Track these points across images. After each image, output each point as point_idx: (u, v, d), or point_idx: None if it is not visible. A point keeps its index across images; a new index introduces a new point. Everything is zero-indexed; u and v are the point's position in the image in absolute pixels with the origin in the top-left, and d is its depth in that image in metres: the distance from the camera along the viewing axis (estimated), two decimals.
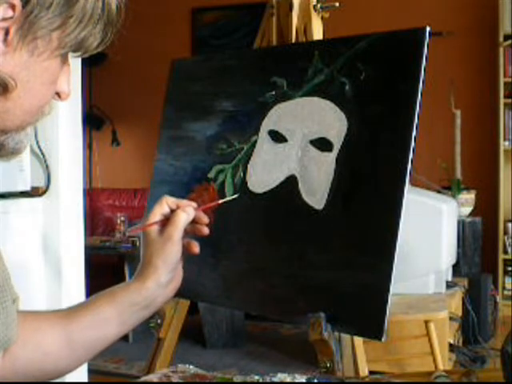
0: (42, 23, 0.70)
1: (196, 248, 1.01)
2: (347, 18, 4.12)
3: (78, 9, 0.72)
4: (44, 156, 2.19)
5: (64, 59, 0.79)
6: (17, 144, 0.78)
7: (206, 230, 1.02)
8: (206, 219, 1.02)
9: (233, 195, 1.47)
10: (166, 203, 1.00)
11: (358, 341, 1.87)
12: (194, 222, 1.01)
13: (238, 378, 1.46)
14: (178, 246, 0.97)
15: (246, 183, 1.47)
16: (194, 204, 1.02)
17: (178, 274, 1.01)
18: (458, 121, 4.19)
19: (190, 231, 1.01)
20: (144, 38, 6.03)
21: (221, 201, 1.17)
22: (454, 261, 3.11)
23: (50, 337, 0.90)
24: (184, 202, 1.01)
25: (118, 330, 0.96)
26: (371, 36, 1.34)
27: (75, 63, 2.26)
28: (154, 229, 0.98)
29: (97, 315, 0.94)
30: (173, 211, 0.99)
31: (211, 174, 1.54)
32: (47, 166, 2.19)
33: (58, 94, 0.82)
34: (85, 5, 0.73)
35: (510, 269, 4.82)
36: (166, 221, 0.99)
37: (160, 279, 0.96)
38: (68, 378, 2.07)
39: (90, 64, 5.74)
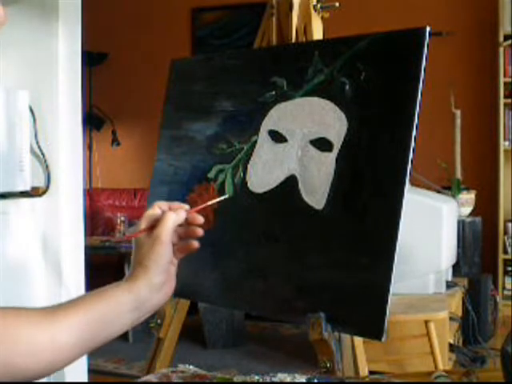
0: None
1: (194, 244, 1.01)
2: (347, 18, 4.12)
3: None
4: (44, 156, 2.19)
5: None
6: None
7: (199, 231, 1.01)
8: (199, 220, 1.01)
9: (232, 195, 1.47)
10: (157, 207, 1.00)
11: (358, 341, 1.86)
12: (187, 223, 1.01)
13: (238, 378, 1.46)
14: (168, 246, 0.97)
15: (246, 183, 1.47)
16: (186, 206, 1.01)
17: (170, 280, 1.00)
18: (458, 121, 4.19)
19: (184, 234, 1.01)
20: (144, 38, 6.03)
21: (210, 202, 1.16)
22: (454, 261, 3.11)
23: (33, 335, 0.88)
24: (176, 204, 1.01)
25: (108, 331, 0.94)
26: (371, 36, 1.34)
27: (75, 63, 2.27)
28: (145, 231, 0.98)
29: (85, 315, 0.92)
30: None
31: (211, 174, 1.54)
32: (47, 166, 2.19)
33: None
34: None
35: (510, 269, 4.82)
36: (156, 223, 0.98)
37: (151, 280, 0.96)
38: (68, 378, 2.08)
39: (90, 64, 5.74)
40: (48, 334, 0.89)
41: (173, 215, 0.98)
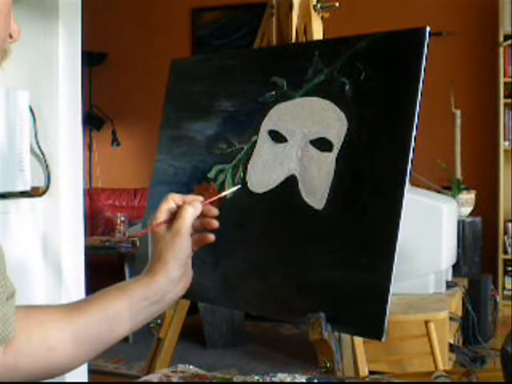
0: None
1: (210, 237, 1.02)
2: (347, 18, 4.12)
3: None
4: (44, 156, 2.19)
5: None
6: None
7: (215, 223, 1.02)
8: (214, 212, 1.03)
9: (233, 193, 1.47)
10: (172, 200, 1.01)
11: (358, 341, 1.86)
12: (202, 216, 1.02)
13: (238, 378, 1.46)
14: (187, 240, 0.99)
15: (246, 183, 1.47)
16: (201, 198, 1.03)
17: (187, 272, 1.02)
18: (458, 121, 4.19)
19: (199, 227, 1.02)
20: (144, 38, 6.03)
21: (224, 193, 1.17)
22: (454, 261, 3.11)
23: (55, 332, 0.89)
24: (190, 197, 1.02)
25: (127, 326, 0.95)
26: (371, 36, 1.34)
27: (75, 63, 2.27)
28: (162, 225, 0.99)
29: (105, 310, 0.93)
30: (179, 207, 1.00)
31: (211, 174, 1.54)
32: (47, 166, 2.19)
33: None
34: None
35: (510, 269, 4.82)
36: (173, 217, 1.00)
37: (170, 274, 0.97)
38: (68, 378, 2.07)
39: (90, 64, 5.74)
40: (68, 331, 0.90)
41: (191, 208, 1.00)
